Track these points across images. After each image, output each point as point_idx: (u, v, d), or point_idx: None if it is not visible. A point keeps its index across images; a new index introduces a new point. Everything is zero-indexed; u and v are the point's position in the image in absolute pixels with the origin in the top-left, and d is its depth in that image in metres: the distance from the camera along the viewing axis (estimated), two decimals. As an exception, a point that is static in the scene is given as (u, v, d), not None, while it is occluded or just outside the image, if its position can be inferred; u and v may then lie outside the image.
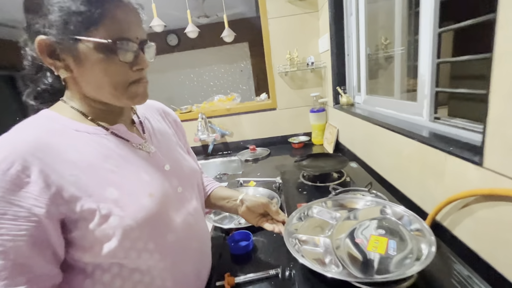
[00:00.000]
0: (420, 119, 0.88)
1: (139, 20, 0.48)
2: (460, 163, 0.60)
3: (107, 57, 0.44)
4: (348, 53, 1.53)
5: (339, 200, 0.77)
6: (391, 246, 0.58)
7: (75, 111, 0.50)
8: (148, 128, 0.61)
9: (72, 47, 0.43)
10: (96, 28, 0.43)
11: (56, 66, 0.46)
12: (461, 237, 0.62)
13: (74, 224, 0.43)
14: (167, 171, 0.57)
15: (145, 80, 0.51)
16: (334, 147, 1.60)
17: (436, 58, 0.80)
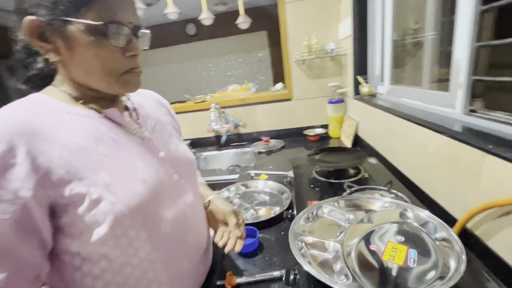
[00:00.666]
0: (453, 112, 0.77)
1: (133, 5, 0.46)
2: (501, 164, 0.50)
3: (98, 40, 0.42)
4: (372, 39, 1.40)
5: (353, 199, 0.70)
6: (411, 257, 0.51)
7: (66, 94, 0.47)
8: (143, 115, 0.58)
9: (62, 29, 0.41)
10: (88, 9, 0.40)
11: (45, 49, 0.43)
12: (497, 250, 0.53)
13: (63, 209, 0.41)
14: (162, 158, 0.55)
15: (138, 69, 0.49)
16: (352, 141, 1.50)
17: (475, 41, 0.69)
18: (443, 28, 0.98)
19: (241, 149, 1.85)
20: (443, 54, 0.97)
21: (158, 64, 4.87)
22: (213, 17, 1.83)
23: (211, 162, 1.87)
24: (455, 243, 0.50)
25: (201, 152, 1.87)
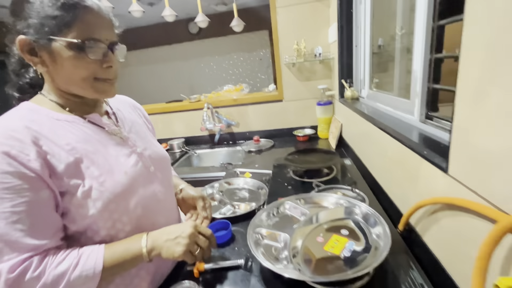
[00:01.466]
0: (411, 118, 0.83)
1: (110, 24, 0.55)
2: (431, 168, 0.57)
3: (77, 55, 0.50)
4: (356, 44, 1.46)
5: (313, 197, 0.77)
6: (348, 248, 0.58)
7: (53, 103, 0.56)
8: (121, 118, 0.68)
9: (47, 46, 0.50)
10: (68, 29, 0.49)
11: (34, 62, 0.52)
12: (428, 244, 0.60)
13: (62, 196, 0.51)
14: (140, 153, 0.65)
15: (112, 80, 0.57)
16: (337, 142, 1.57)
17: (429, 53, 0.75)
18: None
19: (233, 147, 1.92)
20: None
21: (162, 62, 4.97)
22: (208, 20, 1.90)
23: (204, 159, 1.95)
24: (386, 237, 0.57)
25: (195, 149, 1.95)
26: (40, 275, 0.46)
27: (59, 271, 0.48)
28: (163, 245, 0.56)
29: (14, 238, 0.45)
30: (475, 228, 0.44)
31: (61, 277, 0.48)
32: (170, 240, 0.56)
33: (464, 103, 0.45)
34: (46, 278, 0.47)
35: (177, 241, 0.56)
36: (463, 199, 0.45)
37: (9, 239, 0.45)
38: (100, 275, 0.50)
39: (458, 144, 0.47)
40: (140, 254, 0.55)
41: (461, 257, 0.48)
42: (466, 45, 0.44)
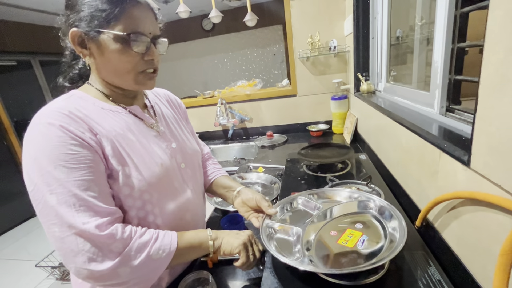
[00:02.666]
0: (431, 111, 0.80)
1: (153, 18, 0.57)
2: (451, 162, 0.54)
3: (122, 47, 0.53)
4: (373, 35, 1.41)
5: (326, 192, 0.76)
6: (361, 241, 0.57)
7: (99, 92, 0.60)
8: (158, 112, 0.70)
9: (96, 38, 0.53)
10: (116, 22, 0.52)
11: (84, 54, 0.55)
12: (447, 240, 0.58)
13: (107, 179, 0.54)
14: (174, 148, 0.67)
15: (153, 73, 0.59)
16: (351, 137, 1.53)
17: (451, 42, 0.71)
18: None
19: (246, 143, 1.93)
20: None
21: (177, 59, 5.04)
22: (221, 15, 1.90)
23: (218, 154, 1.97)
24: (402, 231, 0.55)
25: (209, 145, 1.98)
26: (127, 240, 0.49)
27: (143, 240, 0.51)
28: (225, 237, 0.62)
29: (91, 203, 0.48)
30: (499, 223, 0.42)
31: (144, 246, 0.51)
32: (232, 234, 0.63)
33: (489, 92, 0.42)
34: (132, 244, 0.50)
35: (237, 236, 0.62)
36: (486, 193, 0.43)
37: (87, 204, 0.47)
38: (174, 253, 0.54)
39: (481, 135, 0.45)
40: (206, 241, 0.60)
41: (482, 253, 0.46)
42: (491, 30, 0.41)
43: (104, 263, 0.47)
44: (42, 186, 0.46)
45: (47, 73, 3.98)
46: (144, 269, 0.50)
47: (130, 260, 0.49)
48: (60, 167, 0.46)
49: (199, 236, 0.60)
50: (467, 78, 0.71)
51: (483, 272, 0.46)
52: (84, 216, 0.47)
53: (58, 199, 0.46)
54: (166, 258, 0.53)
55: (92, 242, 0.46)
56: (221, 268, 0.69)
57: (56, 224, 0.46)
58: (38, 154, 0.47)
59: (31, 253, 2.42)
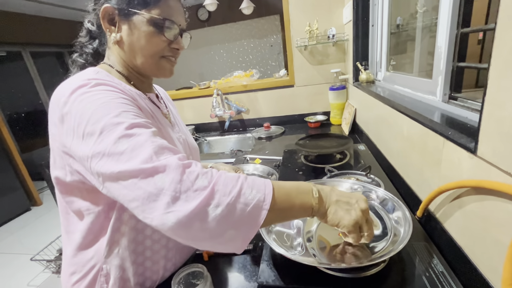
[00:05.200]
0: (434, 99, 0.77)
1: (183, 13, 0.60)
2: (456, 149, 0.52)
3: (154, 31, 0.54)
4: (373, 23, 1.37)
5: (325, 183, 0.74)
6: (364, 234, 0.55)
7: (119, 74, 0.58)
8: (167, 104, 0.71)
9: (129, 17, 0.53)
10: (154, 6, 0.53)
11: (111, 30, 0.55)
12: (450, 231, 0.56)
13: None
14: (184, 140, 0.69)
15: (174, 60, 0.61)
16: (350, 128, 1.51)
17: (455, 28, 0.68)
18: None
19: (243, 134, 1.90)
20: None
21: (172, 50, 4.94)
22: (216, 3, 1.85)
23: (215, 146, 1.94)
24: (407, 222, 0.54)
25: (205, 137, 1.94)
26: (211, 174, 0.40)
27: (231, 175, 0.41)
28: (333, 204, 0.48)
29: (163, 143, 0.42)
30: (508, 213, 0.40)
31: (233, 180, 0.40)
32: (342, 203, 0.48)
33: (501, 73, 0.40)
34: (219, 178, 0.40)
35: (348, 208, 0.48)
36: (495, 181, 0.41)
37: (161, 143, 0.42)
38: (271, 196, 0.41)
39: (490, 121, 0.42)
40: (310, 204, 0.46)
41: (488, 244, 0.45)
42: (505, 5, 0.38)
43: (191, 200, 0.37)
44: (110, 127, 0.41)
45: (38, 64, 3.88)
46: (238, 211, 0.39)
47: (220, 195, 0.38)
48: (124, 113, 0.43)
49: (302, 187, 0.47)
50: (471, 65, 0.68)
51: (489, 264, 0.45)
52: (160, 154, 0.40)
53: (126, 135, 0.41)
54: (261, 202, 0.40)
55: (172, 177, 0.38)
56: (217, 261, 0.67)
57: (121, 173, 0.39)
58: (97, 105, 0.43)
59: (27, 247, 2.40)
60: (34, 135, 3.79)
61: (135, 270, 0.58)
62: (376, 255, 0.50)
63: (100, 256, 0.55)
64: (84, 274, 0.56)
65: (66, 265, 0.59)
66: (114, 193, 0.41)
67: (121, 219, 0.54)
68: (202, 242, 0.39)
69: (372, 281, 0.50)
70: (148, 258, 0.59)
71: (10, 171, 2.94)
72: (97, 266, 0.56)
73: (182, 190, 0.37)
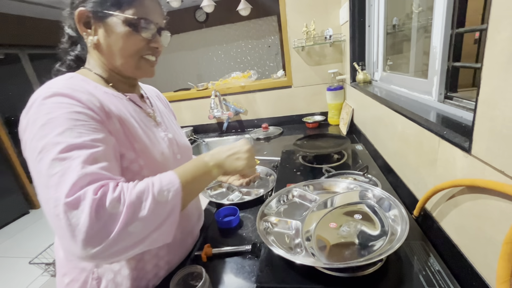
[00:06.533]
0: (429, 99, 0.78)
1: (161, 11, 0.59)
2: (451, 149, 0.53)
3: (130, 31, 0.54)
4: (369, 24, 1.38)
5: (322, 183, 0.74)
6: (361, 233, 0.55)
7: (98, 77, 0.58)
8: (153, 104, 0.70)
9: (104, 19, 0.53)
10: (128, 7, 0.53)
11: (87, 33, 0.55)
12: (446, 230, 0.57)
13: None
14: (170, 138, 0.67)
15: (154, 60, 0.60)
16: (347, 128, 1.52)
17: (450, 28, 0.69)
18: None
19: (242, 135, 1.90)
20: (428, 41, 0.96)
21: (170, 51, 4.95)
22: (214, 4, 1.85)
23: (213, 147, 1.94)
24: (403, 221, 0.54)
25: (203, 138, 1.95)
26: (120, 195, 0.41)
27: (139, 188, 0.43)
28: (225, 160, 0.58)
29: (92, 170, 0.42)
30: (501, 211, 0.40)
31: (143, 193, 0.43)
32: (231, 156, 0.59)
33: (493, 73, 0.40)
34: (130, 195, 0.42)
35: (237, 156, 0.59)
36: (489, 180, 0.42)
37: (89, 171, 0.42)
38: (180, 188, 0.47)
39: (483, 120, 0.43)
40: (208, 168, 0.55)
41: (483, 242, 0.45)
42: (496, 7, 0.39)
43: (109, 227, 0.38)
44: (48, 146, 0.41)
45: (36, 66, 3.87)
46: (156, 217, 0.43)
47: (136, 211, 0.41)
48: (68, 131, 0.43)
49: (198, 165, 0.54)
50: (466, 65, 0.69)
51: (484, 261, 0.45)
52: (82, 185, 0.40)
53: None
54: (175, 197, 0.46)
55: (86, 213, 0.38)
56: (216, 262, 0.67)
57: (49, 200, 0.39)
58: (45, 121, 0.43)
59: (25, 250, 2.39)
60: (32, 137, 3.77)
61: (127, 273, 0.58)
62: (374, 254, 0.50)
63: None
64: (75, 277, 0.57)
65: (59, 267, 0.61)
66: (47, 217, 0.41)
67: None
68: (131, 252, 0.42)
69: (370, 280, 0.51)
70: (140, 260, 0.59)
71: (8, 174, 2.93)
72: (87, 269, 0.56)
73: (97, 223, 0.38)
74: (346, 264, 0.48)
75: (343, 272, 0.51)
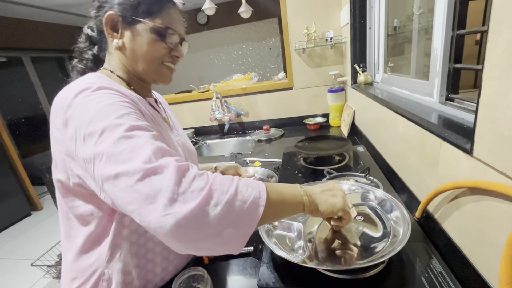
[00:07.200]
0: (430, 100, 0.78)
1: (183, 23, 0.63)
2: (453, 150, 0.53)
3: (156, 38, 0.57)
4: (370, 26, 1.39)
5: (324, 184, 0.74)
6: (363, 235, 0.55)
7: (120, 79, 0.60)
8: (164, 108, 0.73)
9: (132, 25, 0.56)
10: (157, 16, 0.56)
11: (113, 36, 0.57)
12: (448, 231, 0.56)
13: None
14: (183, 143, 0.70)
15: (173, 67, 0.63)
16: (349, 130, 1.52)
17: (451, 30, 0.69)
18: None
19: (243, 137, 1.91)
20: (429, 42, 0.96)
21: (171, 54, 4.96)
22: (215, 7, 1.86)
23: (214, 149, 1.95)
24: (405, 222, 0.54)
25: (205, 140, 1.95)
26: (208, 176, 0.40)
27: (226, 177, 0.42)
28: (321, 196, 0.52)
29: (163, 146, 0.42)
30: (504, 213, 0.40)
31: (228, 181, 0.41)
32: (326, 191, 0.53)
33: (494, 75, 0.40)
34: (214, 178, 0.40)
35: (333, 193, 0.53)
36: (490, 182, 0.42)
37: (160, 146, 0.42)
38: (265, 192, 0.43)
39: (484, 122, 0.43)
40: (300, 197, 0.49)
41: (486, 244, 0.45)
42: (496, 10, 0.39)
43: (190, 201, 0.37)
44: (111, 127, 0.41)
45: (39, 70, 3.90)
46: (236, 208, 0.39)
47: (218, 194, 0.39)
48: (126, 116, 0.44)
49: (291, 190, 0.49)
50: (467, 66, 0.69)
51: (487, 263, 0.45)
52: (159, 156, 0.40)
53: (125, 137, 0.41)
54: (257, 198, 0.41)
55: (169, 179, 0.37)
56: (217, 264, 0.67)
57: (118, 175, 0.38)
58: (99, 108, 0.43)
59: (27, 252, 2.40)
60: (34, 140, 3.80)
61: (137, 274, 0.58)
62: (376, 256, 0.50)
63: (101, 261, 0.55)
64: (86, 279, 0.56)
65: (67, 270, 0.59)
66: (112, 196, 0.40)
67: (122, 222, 0.54)
68: (200, 243, 0.38)
69: (372, 282, 0.51)
70: (150, 260, 0.59)
71: (10, 176, 2.94)
72: (98, 270, 0.56)
73: (180, 191, 0.37)
74: (348, 266, 0.48)
75: (345, 274, 0.51)
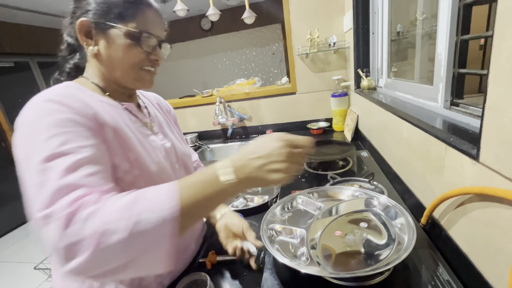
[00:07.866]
0: (435, 105, 0.78)
1: (162, 24, 0.59)
2: (458, 156, 0.52)
3: (131, 43, 0.54)
4: (373, 31, 1.39)
5: (327, 190, 0.74)
6: (367, 241, 0.54)
7: (95, 86, 0.58)
8: (151, 113, 0.69)
9: (106, 30, 0.53)
10: (130, 19, 0.53)
11: (88, 43, 0.55)
12: (455, 238, 0.56)
13: None
14: (168, 148, 0.66)
15: (153, 73, 0.61)
16: (352, 135, 1.51)
17: (455, 35, 0.69)
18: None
19: (246, 141, 1.91)
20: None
21: (176, 59, 5.02)
22: (219, 13, 1.88)
23: (218, 154, 1.95)
24: (410, 229, 0.53)
25: (208, 144, 1.95)
26: (95, 211, 0.36)
27: (123, 208, 0.37)
28: (256, 174, 0.41)
29: (70, 180, 0.39)
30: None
31: (128, 212, 0.36)
32: (263, 166, 0.40)
33: (499, 81, 0.40)
34: (107, 219, 0.35)
35: (270, 167, 0.40)
36: (498, 188, 0.41)
37: (66, 183, 0.38)
38: (178, 202, 0.38)
39: (491, 127, 0.43)
40: (218, 183, 0.41)
41: (494, 252, 0.44)
42: (501, 16, 0.39)
43: (81, 252, 0.34)
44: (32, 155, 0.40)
45: (45, 74, 3.96)
46: (138, 239, 0.35)
47: (112, 232, 0.35)
48: (54, 138, 0.41)
49: (206, 180, 0.41)
50: (472, 71, 0.68)
51: (495, 271, 0.44)
52: (58, 197, 0.37)
53: None
54: (166, 220, 0.36)
55: (54, 234, 0.35)
56: (220, 269, 0.67)
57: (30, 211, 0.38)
58: (28, 131, 0.42)
59: (31, 255, 2.40)
60: (39, 143, 3.83)
61: (130, 281, 0.57)
62: (381, 264, 0.50)
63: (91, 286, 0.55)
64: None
65: (57, 280, 0.59)
66: None
67: None
68: (118, 275, 0.37)
69: (377, 290, 0.50)
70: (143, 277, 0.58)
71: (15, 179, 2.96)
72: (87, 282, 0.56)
73: (66, 244, 0.34)
74: (353, 273, 0.48)
75: (349, 281, 0.50)
